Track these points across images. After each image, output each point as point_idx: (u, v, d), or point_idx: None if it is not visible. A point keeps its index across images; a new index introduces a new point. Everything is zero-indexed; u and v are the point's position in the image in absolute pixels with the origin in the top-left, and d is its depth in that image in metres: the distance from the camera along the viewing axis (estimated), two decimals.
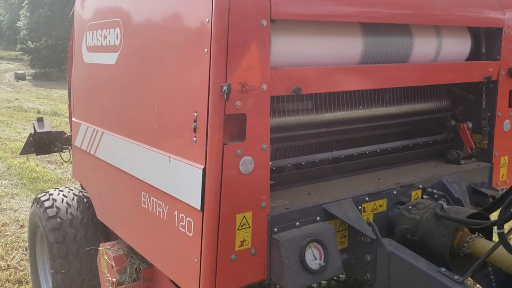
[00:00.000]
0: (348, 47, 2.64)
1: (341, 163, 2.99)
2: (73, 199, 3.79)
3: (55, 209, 3.67)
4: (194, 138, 2.20)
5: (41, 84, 27.44)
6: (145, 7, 2.62)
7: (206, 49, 2.08)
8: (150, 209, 2.61)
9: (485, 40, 3.32)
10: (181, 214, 2.33)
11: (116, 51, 2.93)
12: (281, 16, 2.21)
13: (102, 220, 3.36)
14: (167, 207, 2.46)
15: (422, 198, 2.98)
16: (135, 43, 2.72)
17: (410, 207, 2.74)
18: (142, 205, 2.70)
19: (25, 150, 4.67)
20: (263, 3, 2.14)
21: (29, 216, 4.10)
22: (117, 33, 2.92)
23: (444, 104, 3.43)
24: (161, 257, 2.59)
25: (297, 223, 2.44)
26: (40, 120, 4.73)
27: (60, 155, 4.85)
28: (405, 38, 2.89)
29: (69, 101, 4.58)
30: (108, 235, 3.64)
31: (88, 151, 3.41)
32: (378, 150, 3.18)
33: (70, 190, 3.93)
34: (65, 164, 9.09)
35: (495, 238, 2.41)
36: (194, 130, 2.19)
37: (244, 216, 2.24)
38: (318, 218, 2.52)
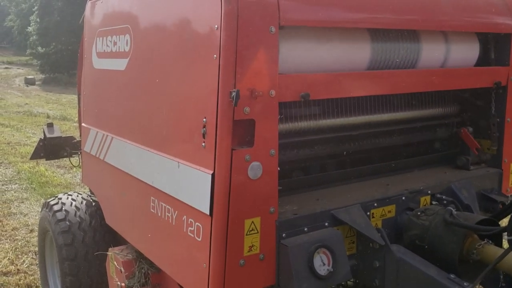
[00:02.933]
0: (356, 53, 2.65)
1: (348, 169, 2.99)
2: (81, 202, 3.82)
3: (64, 212, 3.70)
4: (203, 144, 2.21)
5: (51, 89, 27.66)
6: (154, 14, 2.65)
7: (215, 55, 2.10)
8: (159, 214, 2.63)
9: (494, 46, 3.31)
10: (190, 219, 2.34)
11: (126, 57, 2.96)
12: (290, 22, 2.22)
13: (110, 225, 3.38)
14: (176, 212, 2.47)
15: (431, 204, 2.96)
16: (144, 50, 2.75)
17: (419, 213, 2.73)
18: (151, 210, 2.71)
19: (35, 155, 4.72)
20: (272, 9, 2.15)
21: (39, 221, 4.13)
22: (127, 40, 2.94)
23: (452, 110, 3.42)
24: (170, 262, 2.60)
25: (306, 229, 2.44)
26: (50, 125, 4.77)
27: (70, 160, 4.88)
28: (413, 44, 2.89)
29: (79, 106, 4.62)
30: (116, 238, 3.66)
31: (97, 156, 3.43)
32: (386, 156, 3.18)
33: (79, 194, 3.96)
34: (74, 169, 9.14)
35: (505, 245, 2.40)
36: (203, 135, 2.21)
37: (253, 222, 2.24)
38: (326, 224, 2.52)
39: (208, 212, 2.18)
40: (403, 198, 2.83)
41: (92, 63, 3.53)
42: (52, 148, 4.66)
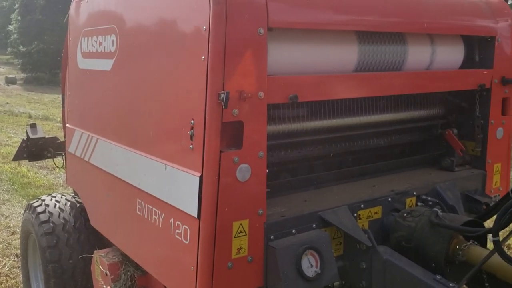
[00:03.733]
0: (343, 55, 2.66)
1: (335, 171, 3.00)
2: (66, 204, 3.78)
3: (47, 214, 3.66)
4: (191, 146, 2.20)
5: (32, 89, 27.28)
6: (141, 14, 2.62)
7: (203, 57, 2.09)
8: (146, 217, 2.60)
9: (478, 49, 3.34)
10: (177, 222, 2.33)
11: (111, 57, 2.93)
12: (278, 24, 2.22)
13: (96, 227, 3.34)
14: (163, 214, 2.45)
15: (416, 205, 2.99)
16: (131, 50, 2.72)
17: (405, 215, 2.75)
18: (137, 212, 2.68)
19: (18, 156, 4.64)
20: (261, 11, 2.15)
21: (21, 223, 4.07)
22: (112, 40, 2.91)
23: (437, 112, 3.45)
24: (157, 265, 2.58)
25: (293, 231, 2.44)
26: (33, 126, 4.70)
27: (53, 161, 4.81)
28: (400, 46, 2.91)
29: (63, 107, 4.56)
30: (101, 240, 3.63)
31: (82, 157, 3.39)
32: (372, 157, 3.20)
33: (62, 196, 3.92)
34: (57, 170, 9.03)
35: (490, 245, 2.43)
36: (191, 137, 2.19)
37: (241, 224, 2.23)
38: (314, 226, 2.52)
39: (196, 215, 2.16)
40: (389, 199, 2.85)
41: (77, 63, 3.48)
42: (36, 149, 4.59)
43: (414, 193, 2.98)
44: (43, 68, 32.02)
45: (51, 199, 3.83)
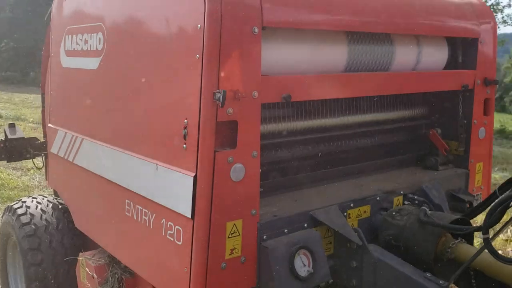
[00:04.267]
0: (334, 55, 2.67)
1: (323, 170, 3.01)
2: (47, 206, 3.69)
3: (29, 216, 3.57)
4: (184, 145, 2.17)
5: (3, 88, 26.62)
6: (132, 12, 2.58)
7: (197, 55, 2.07)
8: (135, 218, 2.56)
9: (461, 50, 3.40)
10: (169, 223, 2.30)
11: (98, 56, 2.88)
12: (272, 23, 2.22)
13: (80, 229, 3.28)
14: (154, 215, 2.42)
15: (403, 204, 3.02)
16: (119, 48, 2.68)
17: (393, 213, 2.77)
18: (126, 213, 2.64)
19: None
20: (255, 10, 2.14)
21: (0, 226, 3.95)
22: (99, 38, 2.86)
23: (421, 112, 3.50)
24: (148, 267, 2.54)
25: (286, 230, 2.44)
26: (11, 125, 4.58)
27: (33, 162, 4.69)
28: (387, 47, 2.94)
29: (43, 106, 4.46)
30: (86, 242, 3.56)
31: (66, 158, 3.32)
32: (358, 157, 3.22)
33: (44, 197, 3.83)
34: (32, 171, 8.84)
35: (476, 243, 2.48)
36: (184, 137, 2.17)
37: (235, 224, 2.22)
38: (305, 225, 2.52)
39: (189, 215, 2.14)
40: (377, 198, 2.87)
41: (60, 62, 3.41)
42: (14, 150, 4.47)
43: (401, 192, 3.01)
44: (14, 67, 31.32)
45: (32, 201, 3.74)
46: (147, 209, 2.47)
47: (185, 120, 2.16)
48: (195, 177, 2.11)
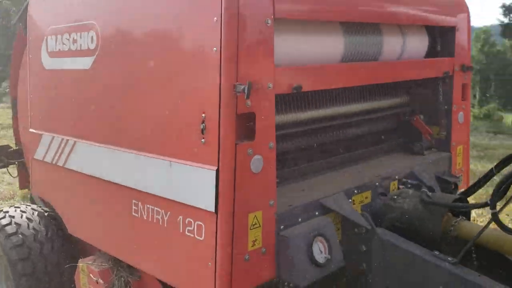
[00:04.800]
0: (333, 46, 2.72)
1: (326, 160, 3.07)
2: (33, 214, 3.55)
3: (14, 225, 3.42)
4: (203, 140, 2.16)
5: None
6: (137, 9, 2.51)
7: (215, 48, 2.06)
8: (145, 217, 2.52)
9: (440, 39, 3.55)
10: (188, 219, 2.27)
11: (90, 55, 2.80)
12: (283, 15, 2.24)
13: (76, 235, 3.17)
14: (168, 213, 2.38)
15: (398, 188, 3.12)
16: (121, 46, 2.61)
17: (394, 197, 2.87)
18: (133, 214, 2.59)
19: None
20: (268, 1, 2.15)
21: None
22: (91, 36, 2.78)
23: (403, 100, 3.63)
24: (163, 265, 2.50)
25: (300, 219, 2.47)
26: None
27: (8, 171, 4.48)
28: (377, 37, 3.03)
29: (14, 113, 4.29)
30: (76, 247, 3.46)
31: (54, 163, 3.20)
32: (350, 146, 3.30)
33: (27, 206, 3.68)
34: None
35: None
36: (202, 131, 2.15)
37: (255, 216, 2.23)
38: (316, 213, 2.56)
39: (213, 210, 2.13)
40: (376, 184, 2.96)
41: (42, 64, 3.28)
42: None
43: (396, 177, 3.11)
44: None
45: (15, 210, 3.57)
46: (160, 208, 2.43)
47: (203, 115, 2.14)
48: (217, 171, 2.10)
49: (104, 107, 2.76)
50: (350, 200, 2.76)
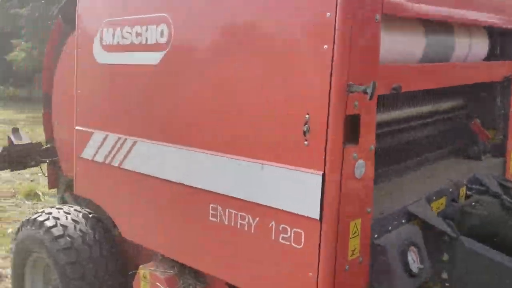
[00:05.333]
0: (416, 46, 2.62)
1: (402, 164, 2.97)
2: (77, 215, 3.39)
3: (60, 227, 3.25)
4: (306, 142, 2.03)
5: None
6: (223, 2, 2.36)
7: (325, 46, 1.93)
8: (226, 223, 2.38)
9: (500, 41, 3.47)
10: (283, 226, 2.14)
11: (160, 50, 2.64)
12: (391, 11, 2.13)
13: (133, 239, 3.00)
14: (257, 219, 2.25)
15: (466, 194, 3.03)
16: (202, 42, 2.45)
17: (472, 204, 2.77)
18: (211, 218, 2.45)
19: None
20: None
21: (16, 243, 3.57)
22: (161, 30, 2.63)
23: (462, 103, 3.55)
24: (247, 274, 2.36)
25: (390, 227, 2.36)
26: (15, 130, 4.15)
27: (41, 169, 4.28)
28: (451, 37, 2.93)
29: (46, 108, 4.11)
30: (124, 250, 3.31)
31: (108, 163, 3.04)
32: (419, 149, 3.21)
33: (70, 207, 3.51)
34: None
35: None
36: (305, 133, 2.03)
37: (355, 223, 2.11)
38: (403, 221, 2.46)
39: (317, 217, 2.00)
40: (450, 189, 2.86)
41: (94, 58, 3.11)
42: (18, 157, 4.06)
43: (464, 182, 3.02)
44: None
45: (59, 211, 3.40)
46: (245, 213, 2.29)
47: (306, 116, 2.01)
48: (323, 176, 1.98)
49: (176, 106, 2.60)
50: (430, 207, 2.66)
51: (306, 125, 2.02)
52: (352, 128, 2.03)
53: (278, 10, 2.10)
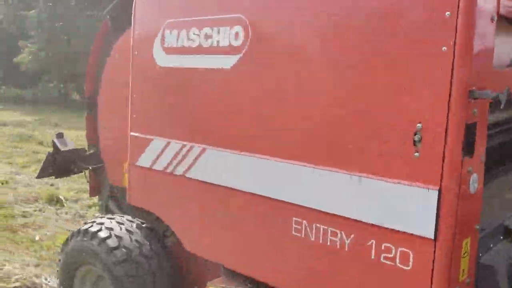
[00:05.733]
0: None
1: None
2: (131, 226, 3.23)
3: (115, 238, 3.09)
4: (416, 153, 1.85)
5: None
6: (315, 2, 2.18)
7: (444, 47, 1.75)
8: (312, 239, 2.20)
9: None
10: (386, 245, 1.96)
11: (234, 53, 2.48)
12: (506, 11, 1.95)
13: (200, 253, 2.83)
14: (352, 236, 2.07)
15: None
16: (288, 45, 2.27)
17: None
18: (294, 233, 2.27)
19: (43, 172, 3.91)
20: None
21: (65, 254, 3.41)
22: (236, 32, 2.46)
23: None
24: None
25: (491, 244, 2.18)
26: (59, 136, 3.99)
27: (85, 176, 4.12)
28: None
29: (89, 112, 3.96)
30: (182, 262, 3.15)
31: (169, 171, 2.88)
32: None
33: (122, 217, 3.35)
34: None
35: None
36: (415, 143, 1.85)
37: (467, 242, 1.93)
38: (501, 237, 2.28)
39: (431, 236, 1.82)
40: None
41: (154, 61, 2.95)
42: (64, 163, 3.90)
43: None
44: None
45: (111, 221, 3.25)
46: (337, 229, 2.12)
47: (418, 124, 1.83)
48: (439, 191, 1.80)
49: (254, 113, 2.43)
50: None
51: (417, 135, 1.84)
52: (469, 138, 1.85)
53: (389, 7, 1.92)
